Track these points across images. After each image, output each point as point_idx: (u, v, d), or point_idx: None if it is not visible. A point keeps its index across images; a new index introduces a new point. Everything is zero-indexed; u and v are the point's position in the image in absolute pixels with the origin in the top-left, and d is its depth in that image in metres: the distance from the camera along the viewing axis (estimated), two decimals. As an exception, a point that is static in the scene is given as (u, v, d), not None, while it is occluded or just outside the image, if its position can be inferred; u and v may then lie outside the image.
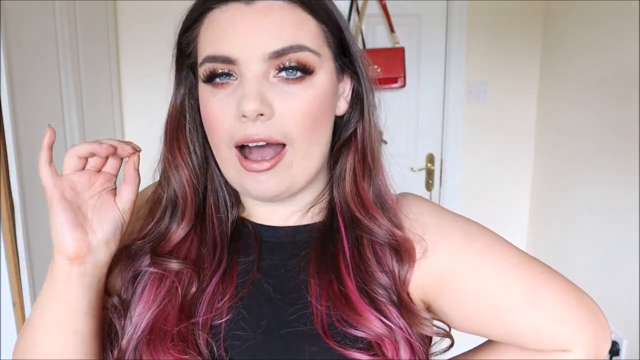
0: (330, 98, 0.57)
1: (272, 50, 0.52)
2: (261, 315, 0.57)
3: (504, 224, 2.48)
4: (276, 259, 0.61)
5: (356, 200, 0.60)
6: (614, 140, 1.89)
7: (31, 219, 1.30)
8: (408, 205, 0.63)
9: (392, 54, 2.22)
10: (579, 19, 2.11)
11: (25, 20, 1.35)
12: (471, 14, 2.32)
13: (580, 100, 2.09)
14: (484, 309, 0.59)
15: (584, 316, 0.59)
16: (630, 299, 1.78)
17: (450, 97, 2.39)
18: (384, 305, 0.56)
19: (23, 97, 1.29)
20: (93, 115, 1.83)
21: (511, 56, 2.38)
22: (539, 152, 2.44)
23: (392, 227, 0.59)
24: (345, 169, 0.61)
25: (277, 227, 0.63)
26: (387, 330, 0.55)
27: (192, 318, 0.56)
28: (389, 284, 0.57)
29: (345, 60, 0.60)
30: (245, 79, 0.53)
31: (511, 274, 0.59)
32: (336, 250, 0.59)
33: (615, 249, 1.90)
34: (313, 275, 0.58)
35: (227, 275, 0.59)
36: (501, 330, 0.60)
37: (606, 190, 1.94)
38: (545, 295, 0.58)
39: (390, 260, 0.58)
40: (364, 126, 0.61)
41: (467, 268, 0.59)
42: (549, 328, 0.58)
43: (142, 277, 0.59)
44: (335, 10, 0.58)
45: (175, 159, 0.61)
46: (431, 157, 2.47)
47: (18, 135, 1.25)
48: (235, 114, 0.53)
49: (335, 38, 0.58)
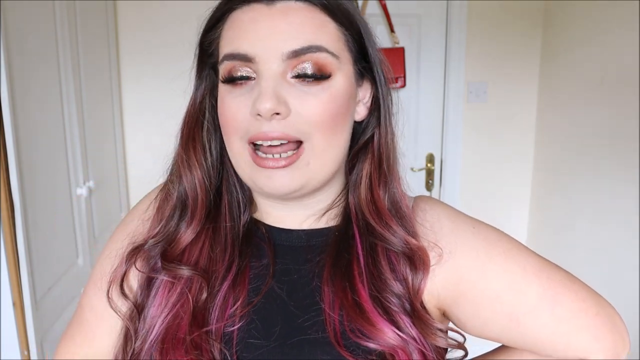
0: (348, 101, 0.57)
1: (290, 49, 0.53)
2: (274, 321, 0.57)
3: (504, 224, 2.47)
4: (289, 263, 0.60)
5: (371, 207, 0.59)
6: (614, 139, 1.89)
7: (31, 219, 1.30)
8: (424, 212, 0.62)
9: (392, 54, 2.22)
10: (579, 19, 2.11)
11: (25, 20, 1.35)
12: (471, 14, 2.32)
13: (580, 100, 2.09)
14: (499, 315, 0.58)
15: (603, 325, 0.58)
16: (630, 299, 1.78)
17: (450, 97, 2.39)
18: (397, 315, 0.55)
19: (23, 97, 1.29)
20: (93, 115, 1.83)
21: (511, 56, 2.38)
22: (539, 151, 2.44)
23: (407, 235, 0.58)
24: (362, 176, 0.61)
25: (291, 230, 0.62)
26: (400, 342, 0.54)
27: (205, 325, 0.56)
28: (403, 293, 0.57)
29: (365, 66, 0.59)
30: (263, 77, 0.53)
31: (529, 281, 0.58)
32: (351, 258, 0.58)
33: (615, 249, 1.89)
34: (327, 282, 0.57)
35: (239, 280, 0.58)
36: (517, 336, 0.59)
37: (606, 190, 1.94)
38: (563, 303, 0.57)
39: (404, 269, 0.57)
40: (380, 133, 0.61)
41: (484, 275, 0.58)
42: (565, 336, 0.57)
43: (155, 279, 0.59)
44: (357, 15, 0.58)
45: (190, 158, 0.60)
46: (431, 157, 2.47)
47: (18, 135, 1.25)
48: (251, 112, 0.53)
49: (355, 43, 0.57)
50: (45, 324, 1.37)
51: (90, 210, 1.74)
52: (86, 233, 1.68)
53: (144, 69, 2.21)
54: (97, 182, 1.79)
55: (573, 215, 2.16)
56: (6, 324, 1.27)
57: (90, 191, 1.70)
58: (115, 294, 0.60)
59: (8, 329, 1.27)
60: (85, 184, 1.69)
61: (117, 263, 0.62)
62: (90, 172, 1.77)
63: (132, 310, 0.59)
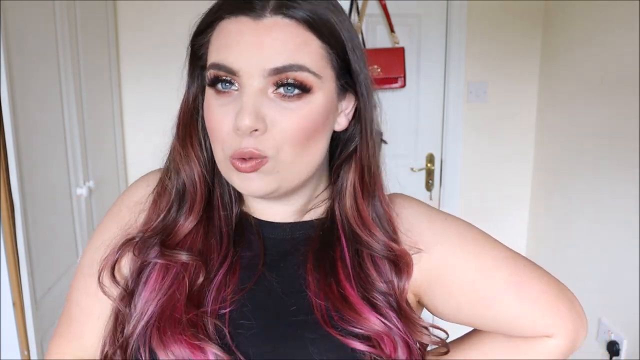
0: (326, 116, 0.59)
1: (272, 67, 0.54)
2: (264, 305, 0.60)
3: (503, 224, 2.49)
4: (276, 254, 0.64)
5: (356, 215, 0.63)
6: (614, 139, 1.89)
7: (31, 218, 1.30)
8: (401, 209, 0.66)
9: (392, 54, 2.22)
10: (579, 19, 2.11)
11: (25, 20, 1.35)
12: (471, 14, 2.32)
13: (580, 100, 2.09)
14: (471, 300, 0.64)
15: (563, 306, 0.64)
16: (630, 299, 1.78)
17: (450, 97, 2.39)
18: (384, 309, 0.59)
19: (23, 97, 1.29)
20: (93, 115, 1.83)
21: (511, 56, 2.39)
22: (539, 151, 2.44)
23: (390, 242, 0.62)
24: (346, 185, 0.64)
25: (276, 223, 0.66)
26: (385, 329, 0.58)
27: (200, 307, 0.59)
28: (389, 292, 0.61)
29: (348, 81, 0.61)
30: (245, 93, 0.56)
31: (497, 268, 0.64)
32: (335, 256, 0.62)
33: (615, 249, 1.90)
34: (310, 272, 0.61)
35: (233, 267, 0.62)
36: (488, 319, 0.65)
37: (606, 190, 1.94)
38: (528, 287, 0.63)
39: (389, 273, 0.62)
40: (362, 145, 0.64)
41: (456, 264, 0.63)
42: (531, 317, 0.63)
43: (147, 267, 0.61)
44: (344, 31, 0.59)
45: (188, 154, 0.63)
46: (431, 157, 2.47)
47: (18, 135, 1.25)
48: (233, 126, 0.56)
49: (339, 59, 0.59)
50: (45, 324, 1.37)
51: (90, 210, 1.74)
52: (86, 233, 1.68)
53: (144, 69, 2.21)
54: (97, 182, 1.79)
55: (573, 215, 2.16)
56: (6, 324, 1.27)
57: (90, 191, 1.71)
58: (106, 280, 0.63)
59: (8, 329, 1.27)
60: (85, 184, 1.69)
61: (108, 252, 0.63)
62: (90, 172, 1.77)
63: (123, 295, 0.62)
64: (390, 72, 2.21)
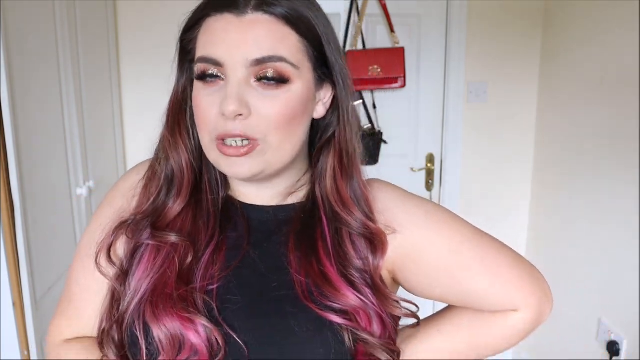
0: (305, 104, 0.64)
1: (254, 58, 0.60)
2: (249, 282, 0.66)
3: (503, 224, 2.49)
4: (260, 235, 0.69)
5: (336, 196, 0.68)
6: (614, 139, 1.89)
7: (31, 219, 1.30)
8: (378, 192, 0.71)
9: (392, 54, 2.22)
10: (579, 19, 2.11)
11: (25, 20, 1.35)
12: (471, 14, 2.32)
13: (580, 100, 2.09)
14: (441, 278, 0.69)
15: (528, 283, 0.69)
16: (630, 299, 1.78)
17: (450, 97, 2.39)
18: (360, 286, 0.65)
19: (23, 97, 1.29)
20: (93, 115, 1.83)
21: (511, 56, 2.39)
22: (539, 151, 2.44)
23: (367, 220, 0.67)
24: (326, 168, 0.69)
25: (261, 206, 0.71)
26: (361, 304, 0.63)
27: (190, 284, 0.64)
28: (364, 269, 0.66)
29: (325, 71, 0.66)
30: (229, 82, 0.61)
31: (465, 247, 0.68)
32: (315, 235, 0.67)
33: (615, 249, 1.90)
34: (292, 250, 0.67)
35: (219, 247, 0.67)
36: (457, 296, 0.71)
37: (606, 189, 1.94)
38: (495, 266, 0.68)
39: (365, 250, 0.67)
40: (340, 130, 0.68)
41: (427, 243, 0.68)
42: (498, 293, 0.68)
43: (140, 248, 0.66)
44: (320, 25, 0.64)
45: (177, 142, 0.68)
46: (431, 157, 2.47)
47: (18, 135, 1.25)
48: (218, 112, 0.61)
49: (316, 51, 0.64)
50: (45, 324, 1.37)
51: (90, 210, 1.74)
52: (86, 233, 1.67)
53: (144, 69, 2.21)
54: (97, 182, 1.79)
55: (573, 215, 2.16)
56: (6, 324, 1.27)
57: (90, 191, 1.71)
58: (103, 261, 0.67)
59: (8, 329, 1.27)
60: (85, 184, 1.69)
61: (104, 235, 0.68)
62: (90, 172, 1.77)
63: (118, 274, 0.66)
64: (390, 72, 2.21)
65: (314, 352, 0.62)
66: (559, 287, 2.26)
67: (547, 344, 2.29)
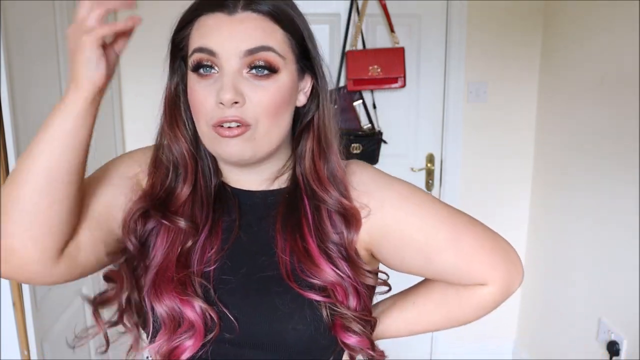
0: (290, 92, 0.71)
1: (246, 48, 0.66)
2: (241, 263, 0.73)
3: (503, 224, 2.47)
4: (251, 218, 0.76)
5: (314, 175, 0.74)
6: (614, 139, 1.89)
7: (31, 219, 1.30)
8: (354, 175, 0.76)
9: (392, 54, 2.22)
10: (579, 19, 2.11)
11: (26, 20, 1.35)
12: (471, 14, 2.32)
13: (580, 100, 2.09)
14: (415, 253, 0.74)
15: (497, 257, 0.75)
16: (630, 299, 1.79)
17: (450, 97, 2.39)
18: (337, 260, 0.71)
19: (23, 97, 1.29)
20: (93, 115, 1.82)
21: (511, 56, 2.38)
22: (539, 151, 2.44)
23: (341, 198, 0.73)
24: (305, 150, 0.75)
25: (251, 191, 0.77)
26: (338, 279, 0.70)
27: (188, 267, 0.71)
28: (340, 242, 0.72)
29: (306, 63, 0.74)
30: (224, 73, 0.67)
31: (437, 225, 0.74)
32: (300, 215, 0.73)
33: (615, 249, 1.90)
34: (279, 232, 0.73)
35: (214, 231, 0.74)
36: (430, 270, 0.76)
37: (606, 189, 1.94)
38: (465, 241, 0.74)
39: (340, 225, 0.73)
40: (319, 115, 0.75)
41: (402, 222, 0.74)
42: (468, 267, 0.74)
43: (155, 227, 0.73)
44: (300, 23, 0.72)
45: (176, 134, 0.74)
46: (431, 157, 2.47)
47: (18, 135, 1.25)
48: (215, 101, 0.67)
49: (298, 45, 0.71)
50: (45, 324, 1.38)
51: (90, 210, 1.73)
52: (86, 233, 1.67)
53: (144, 69, 2.20)
54: (97, 182, 1.79)
55: (573, 215, 2.16)
56: (6, 324, 1.27)
57: (90, 191, 1.70)
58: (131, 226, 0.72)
59: (8, 329, 1.27)
60: (85, 184, 1.69)
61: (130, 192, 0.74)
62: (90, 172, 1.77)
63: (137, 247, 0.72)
64: (390, 72, 2.21)
65: (296, 327, 0.69)
66: (559, 287, 2.26)
67: (547, 344, 2.29)
